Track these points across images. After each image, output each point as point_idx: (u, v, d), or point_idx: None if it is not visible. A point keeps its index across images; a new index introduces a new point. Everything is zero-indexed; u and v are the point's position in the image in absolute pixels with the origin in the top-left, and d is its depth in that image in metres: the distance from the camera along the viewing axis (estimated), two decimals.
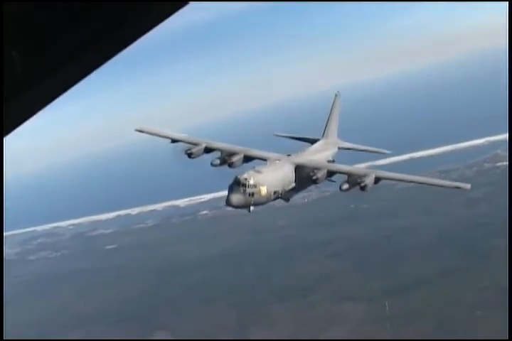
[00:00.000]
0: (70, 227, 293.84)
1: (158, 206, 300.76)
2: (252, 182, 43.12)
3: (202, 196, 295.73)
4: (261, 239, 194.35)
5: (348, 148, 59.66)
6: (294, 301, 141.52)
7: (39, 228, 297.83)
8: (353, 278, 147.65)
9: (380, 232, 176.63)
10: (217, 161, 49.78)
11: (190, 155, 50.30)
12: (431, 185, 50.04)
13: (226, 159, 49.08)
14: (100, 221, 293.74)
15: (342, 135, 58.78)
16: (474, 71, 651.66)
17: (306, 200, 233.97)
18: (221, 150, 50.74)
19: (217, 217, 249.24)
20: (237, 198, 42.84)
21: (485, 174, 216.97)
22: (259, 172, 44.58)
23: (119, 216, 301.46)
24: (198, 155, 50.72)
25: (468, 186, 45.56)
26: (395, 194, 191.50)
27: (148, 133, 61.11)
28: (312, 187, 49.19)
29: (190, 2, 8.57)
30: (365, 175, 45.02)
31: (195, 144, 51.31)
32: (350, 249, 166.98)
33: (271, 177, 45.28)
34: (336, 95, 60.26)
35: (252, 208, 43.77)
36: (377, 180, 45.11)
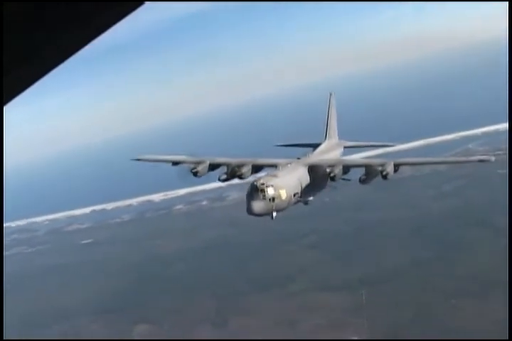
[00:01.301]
0: (46, 223, 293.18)
1: (134, 201, 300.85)
2: (270, 186, 41.33)
3: (176, 191, 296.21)
4: (237, 232, 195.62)
5: (353, 146, 60.10)
6: (272, 291, 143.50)
7: (13, 224, 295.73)
8: (329, 269, 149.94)
9: (355, 224, 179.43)
10: (225, 176, 48.77)
11: (196, 173, 49.10)
12: (452, 163, 49.82)
13: (235, 171, 47.84)
14: (76, 216, 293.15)
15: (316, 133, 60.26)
16: (446, 69, 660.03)
17: None
18: (226, 165, 49.48)
19: (192, 212, 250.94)
20: (258, 205, 40.85)
21: (456, 168, 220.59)
22: (274, 176, 43.17)
23: (94, 211, 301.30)
24: (204, 173, 49.53)
25: (492, 158, 45.20)
26: (368, 188, 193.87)
27: (147, 160, 60.20)
28: None
29: (147, 2, 8.55)
30: (383, 164, 44.68)
31: (198, 163, 49.91)
32: (326, 241, 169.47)
33: (288, 179, 43.88)
34: (330, 95, 59.89)
35: (274, 214, 41.84)
36: (396, 167, 44.91)
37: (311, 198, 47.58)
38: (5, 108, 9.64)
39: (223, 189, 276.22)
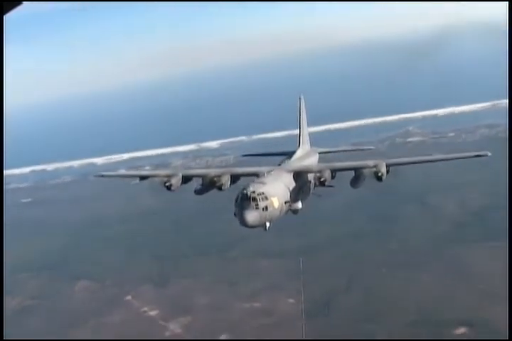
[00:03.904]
0: None
1: (75, 163, 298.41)
2: (262, 194, 39.09)
3: (119, 155, 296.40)
4: (178, 199, 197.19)
5: (328, 152, 58.45)
6: (213, 256, 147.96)
7: None
8: (269, 238, 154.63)
9: None
10: (200, 187, 47.02)
11: (169, 187, 47.02)
12: (447, 160, 50.27)
13: (214, 181, 45.82)
14: (14, 175, 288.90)
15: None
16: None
17: (224, 164, 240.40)
18: (201, 176, 47.42)
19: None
20: (252, 216, 38.55)
21: (396, 148, 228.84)
22: (263, 183, 40.81)
23: (34, 171, 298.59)
24: (178, 186, 47.34)
25: (488, 153, 45.23)
26: None
27: (111, 176, 61.40)
28: None
29: (24, 2, 9.15)
30: (376, 166, 44.42)
31: (170, 176, 47.82)
32: None
33: (277, 186, 41.69)
34: (299, 98, 57.66)
35: (268, 225, 40.23)
36: (388, 168, 44.70)
37: (300, 207, 45.85)
38: None
39: (166, 156, 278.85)
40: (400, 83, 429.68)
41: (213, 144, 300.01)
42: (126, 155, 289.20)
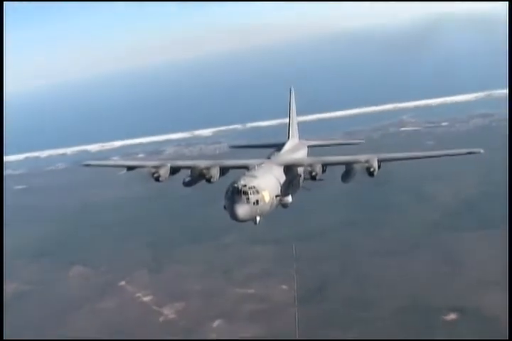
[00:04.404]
0: None
1: (68, 150, 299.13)
2: (253, 188, 38.62)
3: (112, 142, 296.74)
4: (173, 187, 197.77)
5: (317, 145, 57.46)
6: (206, 243, 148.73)
7: None
8: (262, 226, 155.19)
9: None
10: (189, 179, 46.64)
11: (157, 178, 46.74)
12: (439, 156, 47.92)
13: (204, 174, 45.45)
14: (8, 162, 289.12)
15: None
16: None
17: (217, 152, 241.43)
18: (190, 168, 46.99)
19: None
20: (243, 210, 37.91)
21: (390, 137, 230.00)
22: (254, 176, 40.37)
23: (28, 158, 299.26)
24: (166, 177, 47.17)
25: (480, 150, 44.50)
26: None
27: (97, 166, 59.59)
28: None
29: (5, 2, 10.38)
30: (368, 161, 43.86)
31: (158, 167, 47.44)
32: None
33: (268, 180, 41.37)
34: (290, 91, 57.43)
35: (258, 219, 39.70)
36: (379, 163, 44.06)
37: (290, 201, 45.60)
38: None
39: (160, 143, 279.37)
40: (393, 73, 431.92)
41: (206, 132, 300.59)
42: (119, 143, 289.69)
